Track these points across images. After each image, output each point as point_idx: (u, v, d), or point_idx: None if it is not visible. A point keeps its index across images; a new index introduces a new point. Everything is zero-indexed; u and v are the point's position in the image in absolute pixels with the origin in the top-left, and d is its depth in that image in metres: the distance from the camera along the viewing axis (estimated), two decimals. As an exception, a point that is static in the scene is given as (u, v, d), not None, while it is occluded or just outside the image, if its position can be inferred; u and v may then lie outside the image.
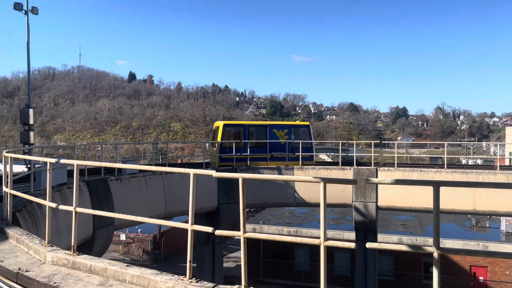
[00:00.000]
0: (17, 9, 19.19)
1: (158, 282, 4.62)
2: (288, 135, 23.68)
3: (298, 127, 24.96)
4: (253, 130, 23.43)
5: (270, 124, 24.12)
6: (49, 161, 6.06)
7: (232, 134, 22.95)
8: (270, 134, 23.27)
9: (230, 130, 23.11)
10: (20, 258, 5.82)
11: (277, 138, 23.35)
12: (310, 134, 24.58)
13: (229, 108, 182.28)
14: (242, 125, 23.57)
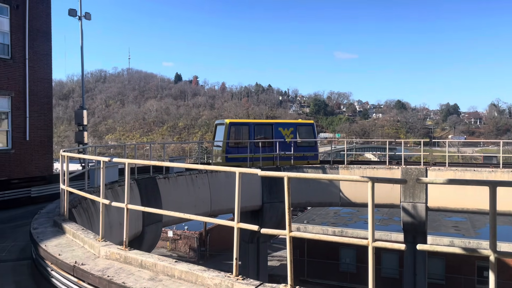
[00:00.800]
0: (71, 15, 20.26)
1: (206, 278, 4.71)
2: (293, 134, 23.08)
3: (303, 125, 24.37)
4: (259, 128, 22.76)
5: (276, 123, 23.54)
6: (103, 160, 6.35)
7: (238, 133, 22.28)
8: (276, 133, 22.65)
9: (236, 129, 22.32)
10: (76, 252, 6.14)
11: (282, 137, 22.73)
12: (314, 133, 23.97)
13: (272, 107, 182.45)
14: (248, 124, 22.91)
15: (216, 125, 23.67)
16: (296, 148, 22.77)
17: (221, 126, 22.86)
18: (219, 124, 23.53)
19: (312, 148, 23.29)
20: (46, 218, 8.22)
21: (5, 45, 19.04)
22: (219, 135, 22.77)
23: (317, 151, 23.74)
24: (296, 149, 22.74)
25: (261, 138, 22.26)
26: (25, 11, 19.55)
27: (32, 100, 19.94)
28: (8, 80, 18.97)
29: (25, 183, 16.30)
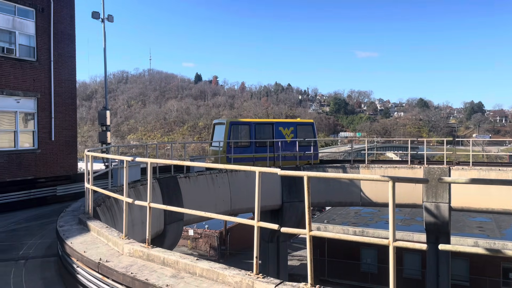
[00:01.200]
0: (94, 18, 20.72)
1: (226, 276, 4.77)
2: (293, 133, 22.51)
3: (303, 124, 23.71)
4: (259, 128, 21.98)
5: (276, 122, 22.84)
6: (126, 159, 6.49)
7: (239, 133, 21.52)
8: (276, 133, 22.06)
9: (237, 129, 21.48)
10: (101, 249, 6.29)
11: (283, 137, 22.17)
12: (314, 132, 23.41)
13: (292, 106, 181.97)
14: (249, 123, 22.07)
15: (214, 125, 22.88)
16: (296, 147, 22.31)
17: (220, 125, 22.17)
18: (217, 123, 22.81)
19: (313, 148, 22.81)
20: (72, 216, 8.44)
21: (31, 48, 19.58)
22: (218, 135, 22.09)
23: (317, 150, 23.29)
24: (296, 148, 22.29)
25: (260, 138, 21.67)
26: (50, 14, 20.06)
27: (57, 101, 20.46)
28: (34, 82, 19.51)
29: (51, 182, 16.75)
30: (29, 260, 8.07)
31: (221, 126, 21.92)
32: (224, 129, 21.13)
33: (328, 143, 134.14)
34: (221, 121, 22.63)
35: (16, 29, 18.87)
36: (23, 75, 19.01)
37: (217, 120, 23.56)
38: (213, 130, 22.94)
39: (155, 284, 4.81)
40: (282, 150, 21.74)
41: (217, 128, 22.52)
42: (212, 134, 22.79)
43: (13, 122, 18.75)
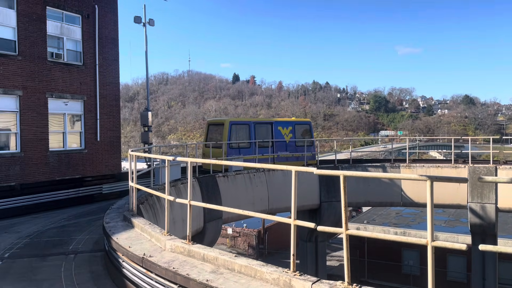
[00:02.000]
0: (136, 22, 21.49)
1: (264, 273, 4.88)
2: (292, 133, 21.62)
3: (301, 124, 22.85)
4: (259, 127, 20.93)
5: (275, 121, 21.80)
6: (167, 159, 6.74)
7: (239, 133, 20.39)
8: (275, 132, 21.14)
9: (236, 128, 20.35)
10: (144, 245, 6.58)
11: (282, 136, 21.28)
12: (311, 131, 22.59)
13: (330, 105, 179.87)
14: (248, 122, 20.80)
15: (209, 125, 21.52)
16: (295, 148, 21.62)
17: (215, 126, 21.06)
18: (212, 123, 21.59)
19: (310, 148, 22.09)
20: (117, 213, 8.85)
21: (78, 52, 20.57)
22: (214, 135, 20.85)
23: (314, 150, 22.60)
24: (295, 148, 21.60)
25: (259, 137, 20.70)
26: (95, 20, 20.98)
27: (102, 103, 21.38)
28: (81, 85, 20.48)
29: (97, 180, 17.53)
30: (78, 254, 8.54)
31: (216, 127, 20.83)
32: (223, 129, 19.93)
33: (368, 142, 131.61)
34: (218, 120, 21.61)
35: (64, 35, 19.88)
36: (71, 78, 20.00)
37: (211, 120, 22.33)
38: (206, 131, 21.49)
39: (196, 279, 5.00)
40: (281, 150, 21.04)
41: (212, 128, 21.36)
42: (206, 135, 21.34)
43: (61, 123, 19.77)
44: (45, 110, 18.79)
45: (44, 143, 18.64)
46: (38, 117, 18.47)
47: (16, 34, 17.76)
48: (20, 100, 17.79)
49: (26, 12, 18.02)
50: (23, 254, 8.64)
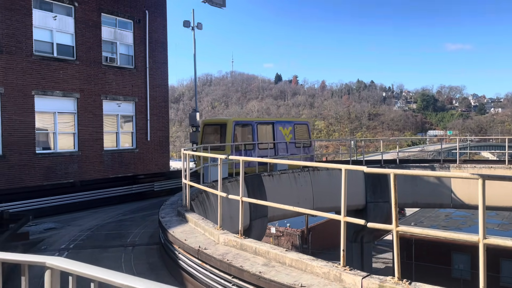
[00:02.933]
0: (185, 26, 22.29)
1: (315, 267, 5.08)
2: (292, 133, 20.66)
3: (300, 124, 21.81)
4: (261, 127, 19.85)
5: (276, 121, 20.71)
6: (220, 157, 7.09)
7: (242, 133, 19.35)
8: (277, 132, 20.15)
9: (240, 129, 19.21)
10: (199, 238, 6.96)
11: (282, 136, 20.28)
12: (309, 132, 21.61)
13: (375, 104, 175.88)
14: (251, 122, 19.70)
15: (205, 125, 19.98)
16: (295, 149, 20.79)
17: (212, 126, 19.81)
18: (209, 124, 20.15)
19: (309, 149, 21.29)
20: (171, 209, 9.34)
21: (130, 56, 21.59)
22: (210, 136, 19.62)
23: (312, 152, 21.85)
24: (295, 150, 20.81)
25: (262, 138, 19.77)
26: (146, 24, 21.94)
27: (152, 105, 22.32)
28: (133, 87, 21.49)
29: (148, 178, 18.36)
30: (135, 247, 9.11)
31: (213, 127, 19.70)
32: (227, 130, 18.56)
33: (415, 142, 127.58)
34: (214, 120, 20.59)
35: (117, 40, 20.94)
36: (123, 81, 21.04)
37: (208, 120, 20.94)
38: (202, 131, 19.93)
39: (249, 270, 5.27)
40: (282, 151, 20.23)
41: (208, 129, 19.94)
42: (202, 136, 19.74)
43: (115, 124, 20.85)
44: (100, 112, 19.90)
45: (99, 143, 19.74)
46: (93, 118, 19.60)
47: (74, 40, 18.94)
48: (77, 102, 18.96)
49: (83, 19, 19.17)
50: (86, 245, 9.33)
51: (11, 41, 16.63)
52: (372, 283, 4.43)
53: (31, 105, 17.28)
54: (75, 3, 18.77)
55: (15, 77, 16.71)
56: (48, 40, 18.12)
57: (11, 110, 16.61)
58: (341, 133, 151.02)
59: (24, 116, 17.04)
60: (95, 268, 1.95)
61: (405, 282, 4.30)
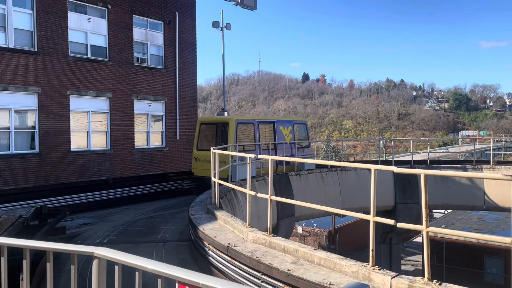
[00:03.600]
0: (214, 27, 22.60)
1: (343, 266, 5.12)
2: (291, 133, 19.58)
3: (299, 123, 20.71)
4: (263, 127, 18.61)
5: (277, 120, 19.55)
6: (249, 156, 7.20)
7: (244, 132, 17.94)
8: (277, 132, 19.06)
9: (242, 128, 17.73)
10: (228, 235, 7.10)
11: (283, 136, 19.20)
12: (307, 132, 20.69)
13: (405, 103, 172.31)
14: (253, 121, 18.38)
15: (202, 124, 18.38)
16: (295, 149, 19.69)
17: (210, 125, 18.43)
18: (206, 123, 18.67)
19: (307, 150, 20.27)
20: (200, 206, 9.54)
21: (160, 57, 22.07)
22: (208, 136, 18.17)
23: (311, 152, 20.86)
24: (295, 150, 19.73)
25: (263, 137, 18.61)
26: (175, 25, 22.36)
27: (181, 104, 22.74)
28: (163, 87, 21.95)
29: (177, 176, 18.72)
30: (166, 243, 9.36)
31: (212, 126, 18.34)
32: (229, 129, 17.13)
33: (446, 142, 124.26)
34: (213, 119, 19.39)
35: (148, 41, 21.45)
36: (154, 81, 21.53)
37: (204, 118, 19.27)
38: (198, 130, 18.25)
39: (278, 268, 5.36)
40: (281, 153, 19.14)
41: (206, 128, 18.47)
42: (198, 135, 18.15)
43: (145, 123, 21.36)
44: (131, 111, 20.44)
45: (130, 141, 20.29)
46: (125, 117, 20.15)
47: (107, 41, 19.53)
48: (110, 101, 19.54)
49: (115, 21, 19.74)
50: (119, 240, 9.65)
51: (48, 43, 17.31)
52: (402, 283, 4.44)
53: (66, 105, 17.94)
54: (108, 5, 19.34)
55: (52, 77, 17.38)
56: (82, 41, 18.76)
57: (47, 110, 17.30)
58: (370, 133, 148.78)
59: (59, 115, 17.71)
60: (140, 259, 2.09)
61: (435, 283, 4.29)
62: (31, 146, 17.04)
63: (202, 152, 17.17)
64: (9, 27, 16.36)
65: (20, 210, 9.04)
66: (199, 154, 17.40)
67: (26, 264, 2.70)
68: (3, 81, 16.03)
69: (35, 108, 16.97)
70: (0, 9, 16.10)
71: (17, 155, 16.45)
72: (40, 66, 17.04)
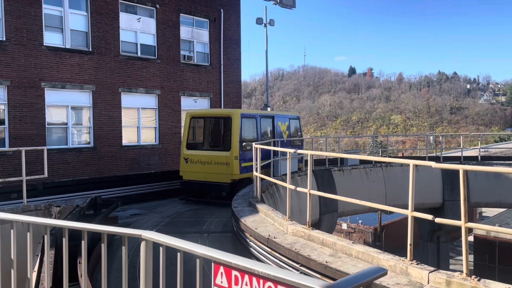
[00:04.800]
0: (258, 23, 22.85)
1: (381, 260, 5.18)
2: (288, 130, 18.02)
3: (294, 118, 19.02)
4: (264, 121, 16.60)
5: (276, 115, 17.78)
6: (289, 151, 7.37)
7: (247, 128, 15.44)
8: (276, 127, 17.32)
9: (246, 122, 15.20)
10: (268, 228, 7.32)
11: (280, 131, 17.59)
12: (300, 127, 19.10)
13: (458, 97, 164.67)
14: (255, 115, 16.19)
15: (192, 118, 15.41)
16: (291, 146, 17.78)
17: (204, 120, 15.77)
18: (200, 117, 15.87)
19: (300, 147, 18.69)
20: (242, 200, 9.83)
21: (205, 54, 22.61)
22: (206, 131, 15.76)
23: (303, 148, 19.08)
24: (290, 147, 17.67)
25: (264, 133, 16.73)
26: (220, 23, 22.80)
27: (226, 100, 23.20)
28: (208, 84, 22.50)
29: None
30: (210, 234, 9.75)
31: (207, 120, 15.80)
32: (232, 124, 14.35)
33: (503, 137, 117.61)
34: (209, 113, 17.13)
35: (194, 39, 22.04)
36: (199, 78, 22.11)
37: (194, 112, 16.60)
38: (188, 126, 15.29)
39: (316, 260, 5.51)
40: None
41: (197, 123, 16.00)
42: (188, 131, 15.27)
43: (191, 119, 21.98)
44: (178, 107, 21.14)
45: (177, 137, 20.99)
46: (172, 113, 20.88)
47: (155, 40, 20.29)
48: (158, 98, 20.32)
49: (163, 20, 20.45)
50: (166, 231, 10.15)
51: (101, 42, 18.28)
52: (439, 277, 4.45)
53: (118, 102, 18.88)
54: (157, 5, 20.07)
55: (105, 76, 18.35)
56: (132, 41, 19.62)
57: (101, 106, 18.30)
58: (420, 128, 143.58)
59: (112, 111, 18.67)
60: (181, 241, 2.34)
61: (473, 278, 4.27)
62: (86, 141, 18.11)
63: (194, 152, 14.48)
64: (66, 28, 17.44)
65: (77, 200, 9.75)
66: (190, 154, 14.50)
67: (84, 245, 3.04)
68: (61, 80, 17.14)
69: (89, 105, 18.00)
70: (58, 11, 17.18)
71: (74, 149, 17.56)
72: (94, 65, 18.03)
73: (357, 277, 1.76)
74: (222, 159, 13.68)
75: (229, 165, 13.27)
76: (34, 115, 16.49)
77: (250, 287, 1.99)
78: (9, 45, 15.80)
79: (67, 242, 3.03)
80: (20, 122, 16.19)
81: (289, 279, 1.74)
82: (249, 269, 1.97)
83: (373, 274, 1.81)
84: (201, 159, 14.13)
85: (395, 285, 4.53)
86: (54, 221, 3.35)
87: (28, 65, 16.26)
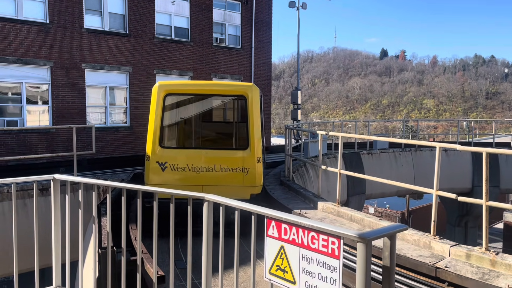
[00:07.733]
0: (291, 7, 22.92)
1: (406, 235, 5.56)
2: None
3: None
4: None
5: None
6: (320, 133, 7.75)
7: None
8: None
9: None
10: (299, 204, 7.79)
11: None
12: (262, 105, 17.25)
13: (495, 81, 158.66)
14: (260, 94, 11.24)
15: (166, 96, 9.15)
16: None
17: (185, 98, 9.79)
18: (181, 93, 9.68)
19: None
20: (274, 179, 10.33)
21: (237, 37, 22.93)
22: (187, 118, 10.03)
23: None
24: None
25: None
26: (252, 5, 22.99)
27: (256, 83, 23.53)
28: (239, 66, 22.88)
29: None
30: (243, 210, 10.30)
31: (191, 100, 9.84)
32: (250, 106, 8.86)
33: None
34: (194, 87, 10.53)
35: (226, 21, 22.37)
36: (231, 61, 22.51)
37: (175, 85, 10.56)
38: (162, 108, 9.20)
39: (344, 233, 5.93)
40: None
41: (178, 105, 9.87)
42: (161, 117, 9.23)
43: (222, 101, 22.49)
44: (210, 89, 21.64)
45: (209, 118, 21.57)
46: (204, 95, 21.42)
47: (189, 23, 20.75)
48: (191, 80, 20.88)
49: (197, 3, 20.85)
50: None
51: (138, 25, 18.90)
52: (460, 251, 4.81)
53: (153, 83, 19.42)
54: (191, -12, 20.45)
55: (140, 58, 19.03)
56: (167, 23, 20.14)
57: (137, 87, 19.04)
58: (453, 113, 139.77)
59: (147, 92, 19.32)
60: (237, 201, 2.83)
61: (492, 252, 4.61)
62: (123, 121, 18.96)
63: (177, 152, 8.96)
64: (104, 11, 18.12)
65: (122, 175, 10.48)
66: (170, 155, 8.80)
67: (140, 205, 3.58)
68: (100, 61, 17.92)
69: (126, 86, 18.76)
70: (97, -6, 17.86)
71: (111, 128, 18.44)
72: (130, 47, 18.71)
73: (384, 229, 2.25)
74: (235, 163, 8.27)
75: (247, 172, 8.09)
76: (75, 95, 17.39)
77: (297, 237, 2.47)
78: (52, 28, 16.63)
79: (125, 198, 3.60)
80: (63, 102, 17.12)
81: (329, 229, 2.23)
82: (296, 222, 2.46)
83: (396, 228, 2.29)
84: (193, 164, 8.45)
85: (418, 257, 4.92)
86: (116, 183, 3.91)
87: (69, 47, 17.08)
